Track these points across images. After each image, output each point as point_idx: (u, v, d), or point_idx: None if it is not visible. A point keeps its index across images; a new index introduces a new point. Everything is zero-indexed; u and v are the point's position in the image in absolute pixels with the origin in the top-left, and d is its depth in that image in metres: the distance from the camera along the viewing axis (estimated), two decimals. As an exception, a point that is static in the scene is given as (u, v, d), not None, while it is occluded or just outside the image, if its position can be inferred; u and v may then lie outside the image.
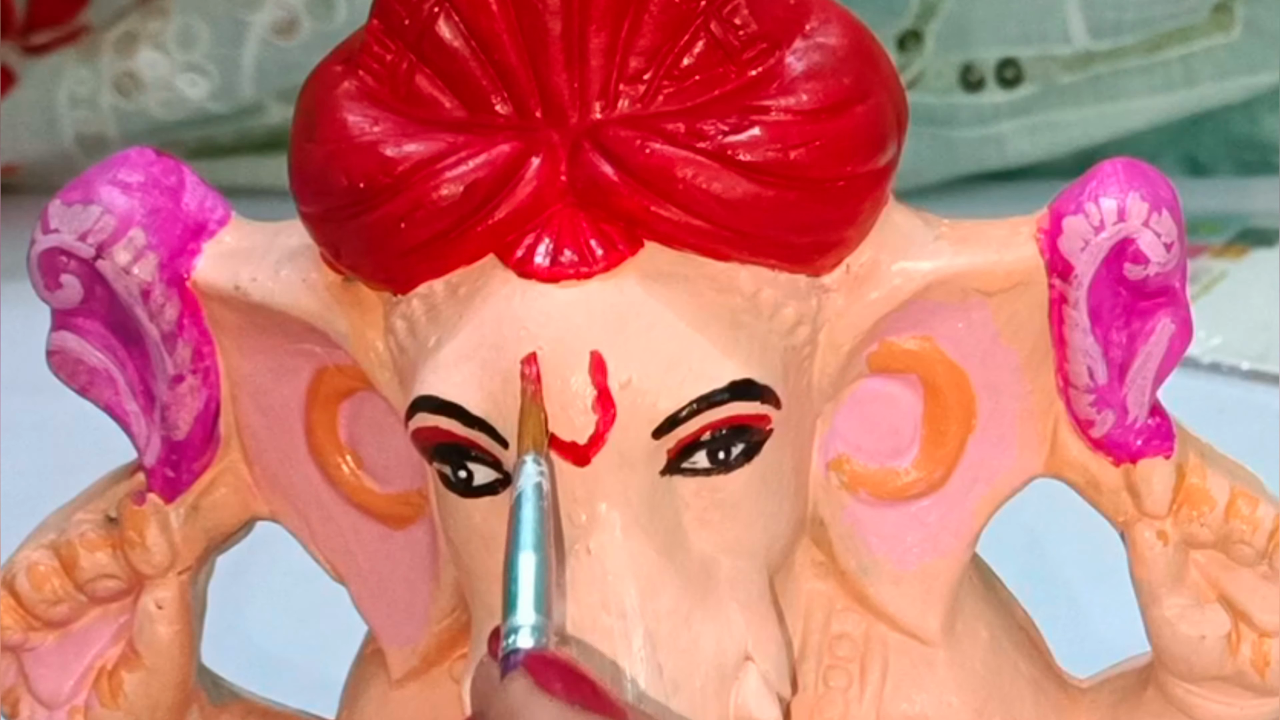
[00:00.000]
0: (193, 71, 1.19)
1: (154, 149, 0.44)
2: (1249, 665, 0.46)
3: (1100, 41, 1.12)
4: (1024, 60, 1.13)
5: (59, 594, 0.46)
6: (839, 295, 0.42)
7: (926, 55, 1.14)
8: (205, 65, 1.19)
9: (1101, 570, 0.48)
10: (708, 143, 0.40)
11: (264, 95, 1.19)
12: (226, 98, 1.19)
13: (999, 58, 1.13)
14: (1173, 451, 0.44)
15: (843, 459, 0.44)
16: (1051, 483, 0.45)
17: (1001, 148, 1.14)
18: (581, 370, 0.40)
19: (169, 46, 1.19)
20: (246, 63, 1.19)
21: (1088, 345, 0.43)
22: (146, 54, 1.19)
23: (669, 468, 0.41)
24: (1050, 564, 0.77)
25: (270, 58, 1.18)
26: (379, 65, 0.41)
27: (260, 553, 0.49)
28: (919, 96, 1.12)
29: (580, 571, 0.40)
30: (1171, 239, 0.42)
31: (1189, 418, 0.46)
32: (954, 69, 1.14)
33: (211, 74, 1.19)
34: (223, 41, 1.18)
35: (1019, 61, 1.13)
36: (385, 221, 0.41)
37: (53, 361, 0.44)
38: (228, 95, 1.19)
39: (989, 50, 1.13)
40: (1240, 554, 0.45)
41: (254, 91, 1.19)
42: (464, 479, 0.41)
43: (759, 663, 0.41)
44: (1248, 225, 1.08)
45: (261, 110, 1.20)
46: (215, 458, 0.45)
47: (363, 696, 0.47)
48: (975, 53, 1.14)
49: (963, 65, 1.14)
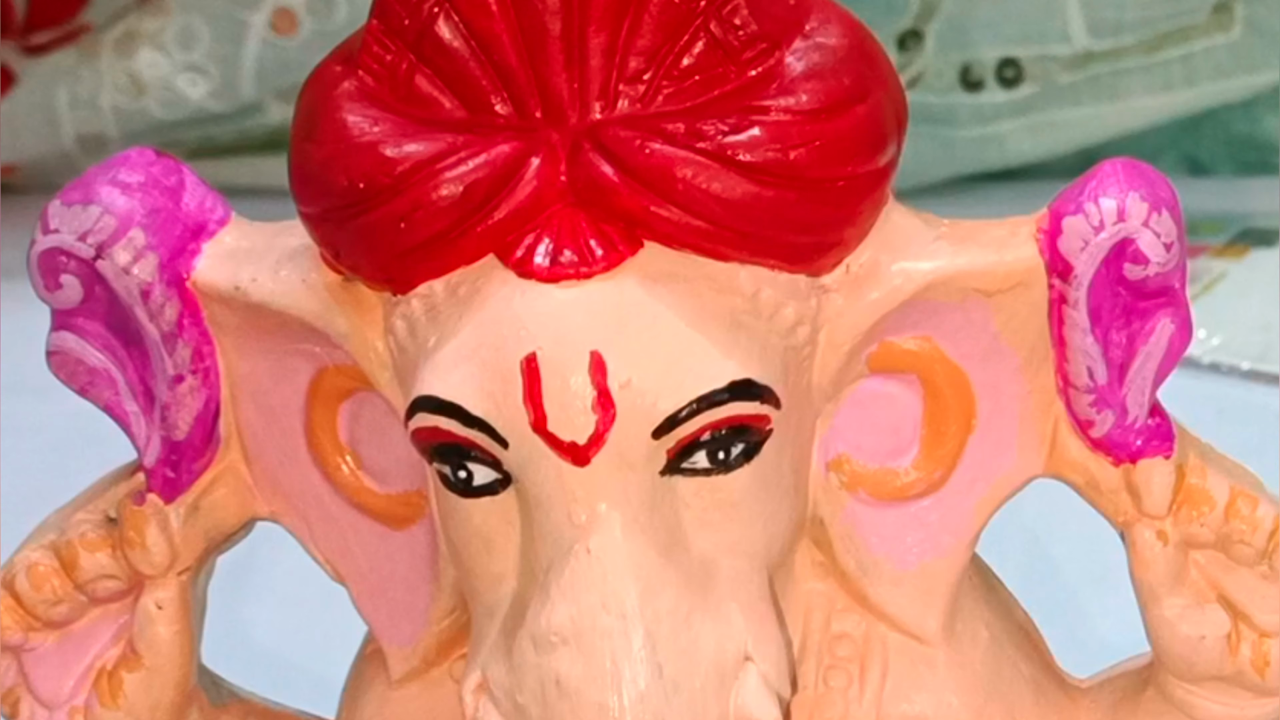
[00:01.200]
0: (193, 71, 1.19)
1: (154, 149, 0.44)
2: (1249, 665, 0.45)
3: (1100, 41, 1.12)
4: (1024, 60, 1.13)
5: (59, 594, 0.46)
6: (839, 295, 0.42)
7: (926, 55, 1.14)
8: (205, 65, 1.19)
9: (1100, 571, 0.49)
10: (708, 143, 0.40)
11: (264, 95, 1.19)
12: (226, 97, 1.20)
13: (999, 57, 1.13)
14: (1172, 452, 0.44)
15: (842, 459, 0.44)
16: (1050, 483, 0.45)
17: (1002, 147, 1.14)
18: (581, 370, 0.40)
19: (169, 46, 1.19)
20: (246, 62, 1.19)
21: (1087, 345, 0.43)
22: (146, 54, 1.19)
23: (668, 468, 0.41)
24: (1050, 564, 0.77)
25: (270, 57, 1.18)
26: (378, 65, 0.41)
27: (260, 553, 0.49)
28: (919, 96, 1.12)
29: (580, 572, 0.40)
30: (1171, 239, 0.42)
31: (1189, 418, 0.45)
32: (954, 69, 1.14)
33: (211, 74, 1.19)
34: (223, 41, 1.19)
35: (1019, 61, 1.13)
36: (385, 222, 0.40)
37: (52, 362, 0.44)
38: (228, 95, 1.19)
39: (989, 50, 1.13)
40: (1240, 554, 0.45)
41: (254, 91, 1.19)
42: (464, 479, 0.41)
43: (759, 663, 0.41)
44: (1248, 225, 1.08)
45: (261, 110, 1.20)
46: (215, 458, 0.45)
47: (362, 697, 0.47)
48: (975, 52, 1.14)
49: (963, 65, 1.14)
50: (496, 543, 0.41)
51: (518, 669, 0.40)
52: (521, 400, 0.40)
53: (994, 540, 0.46)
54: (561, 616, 0.40)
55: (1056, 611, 0.51)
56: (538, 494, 0.40)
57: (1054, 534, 0.73)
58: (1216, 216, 1.08)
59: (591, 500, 0.40)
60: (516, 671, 0.40)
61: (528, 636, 0.40)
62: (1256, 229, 1.08)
